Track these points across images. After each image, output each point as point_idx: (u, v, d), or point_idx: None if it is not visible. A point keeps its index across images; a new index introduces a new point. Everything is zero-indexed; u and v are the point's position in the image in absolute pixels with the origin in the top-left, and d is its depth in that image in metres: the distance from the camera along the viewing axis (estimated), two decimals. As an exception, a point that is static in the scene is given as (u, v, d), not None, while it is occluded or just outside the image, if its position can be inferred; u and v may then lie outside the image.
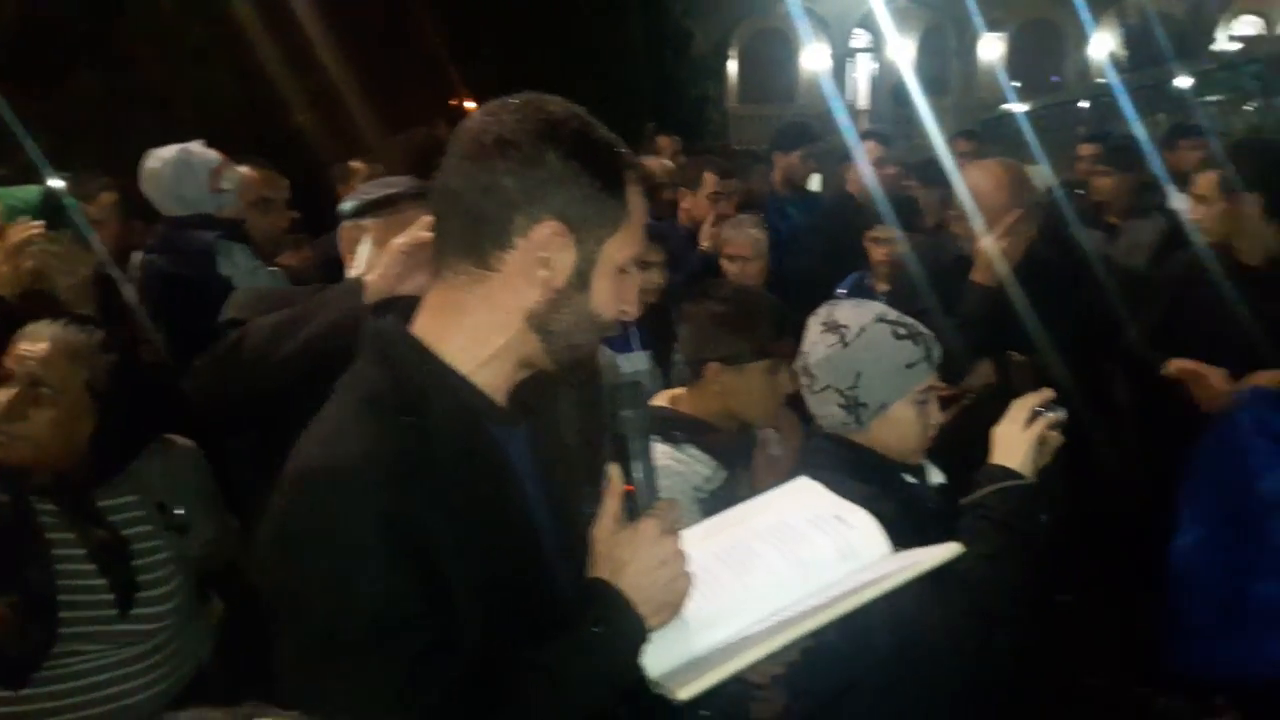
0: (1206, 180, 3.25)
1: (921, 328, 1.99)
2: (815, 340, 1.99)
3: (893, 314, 1.99)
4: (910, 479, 2.03)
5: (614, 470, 1.28)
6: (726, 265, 3.90)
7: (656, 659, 1.25)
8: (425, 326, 1.26)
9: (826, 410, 1.98)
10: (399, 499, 1.12)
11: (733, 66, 27.47)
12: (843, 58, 28.90)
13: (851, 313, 1.98)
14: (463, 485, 1.18)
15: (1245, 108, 14.14)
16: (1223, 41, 26.34)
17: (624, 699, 1.25)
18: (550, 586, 1.27)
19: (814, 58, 27.00)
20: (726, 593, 1.34)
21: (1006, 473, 1.84)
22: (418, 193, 2.24)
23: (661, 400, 2.46)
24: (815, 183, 6.57)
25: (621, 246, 1.25)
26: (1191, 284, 3.26)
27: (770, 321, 2.36)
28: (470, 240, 1.22)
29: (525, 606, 1.21)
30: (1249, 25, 28.48)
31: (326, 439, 1.18)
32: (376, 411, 1.19)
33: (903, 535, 1.70)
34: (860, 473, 1.88)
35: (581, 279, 1.23)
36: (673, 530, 1.25)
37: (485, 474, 1.22)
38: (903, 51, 25.85)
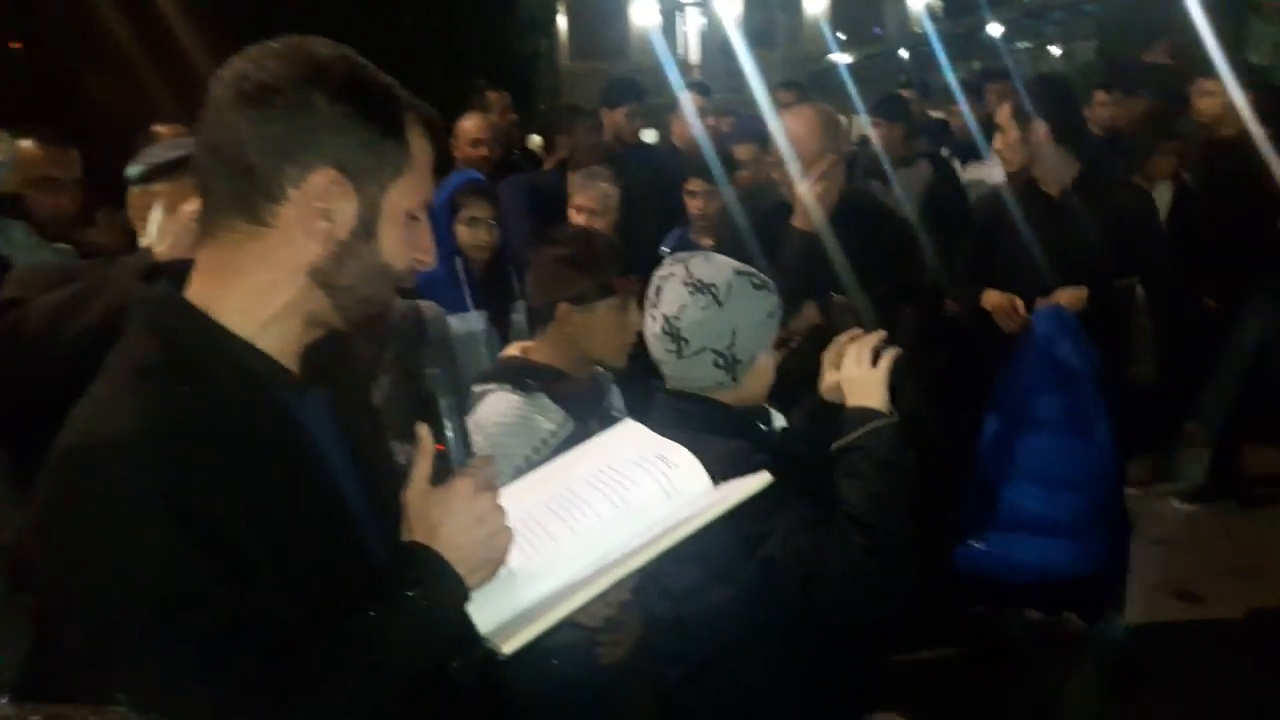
0: (1003, 111, 3.50)
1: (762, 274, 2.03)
2: (684, 303, 1.94)
3: (742, 265, 2.01)
4: (763, 426, 2.08)
5: (423, 430, 1.24)
6: (574, 216, 3.82)
7: (485, 615, 1.23)
8: (199, 291, 1.18)
9: (699, 373, 1.96)
10: (178, 472, 1.05)
11: (563, 23, 27.14)
12: (672, 12, 28.94)
13: (711, 269, 1.97)
14: (250, 456, 1.11)
15: (1051, 51, 14.93)
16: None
17: (457, 658, 1.23)
18: (362, 555, 1.22)
19: (643, 13, 26.94)
20: (554, 542, 1.33)
21: (873, 413, 1.87)
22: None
23: (513, 350, 2.51)
24: (651, 136, 6.59)
25: (407, 192, 1.20)
26: (999, 217, 3.50)
27: (613, 258, 2.40)
28: (240, 195, 1.15)
29: (334, 577, 1.16)
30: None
31: (95, 414, 1.09)
32: (150, 382, 1.11)
33: (783, 484, 1.73)
34: (727, 429, 1.90)
35: (366, 229, 1.17)
36: (489, 487, 1.22)
37: (275, 443, 1.16)
38: (729, 5, 26.07)
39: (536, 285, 2.45)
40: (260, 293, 1.17)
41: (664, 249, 4.12)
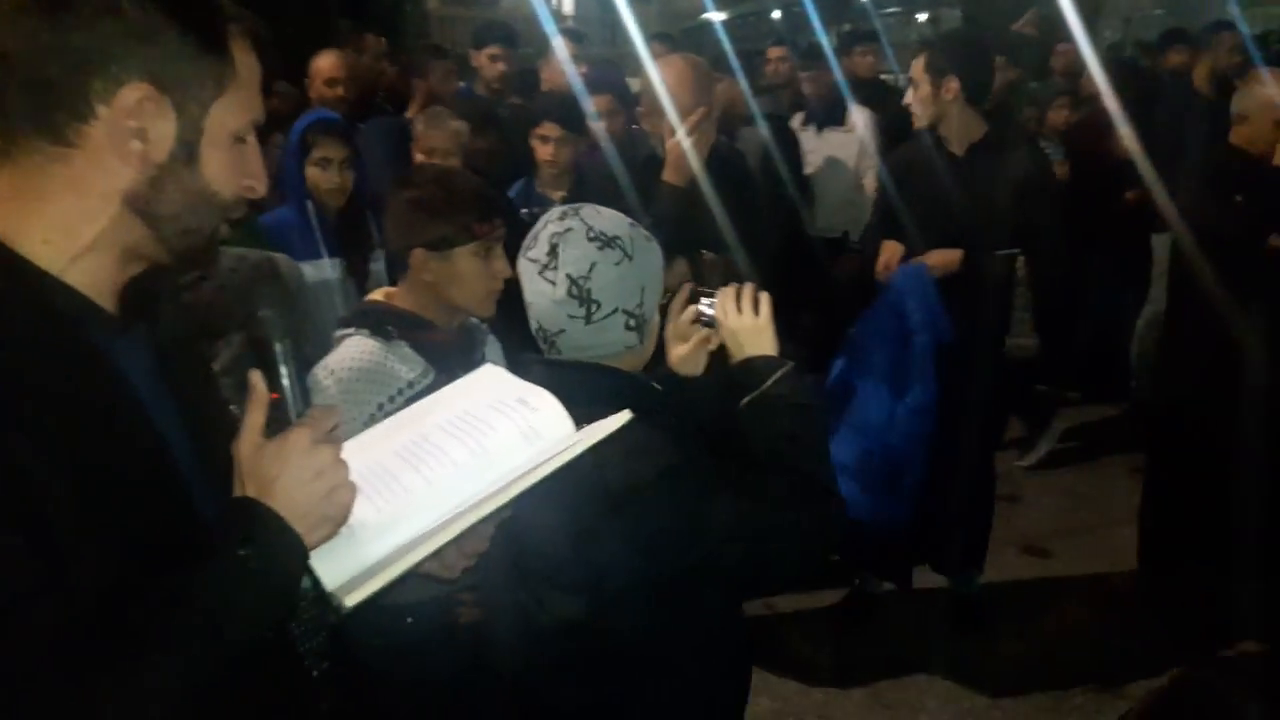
0: (916, 65, 3.52)
1: None
2: (593, 260, 1.70)
3: (626, 216, 1.82)
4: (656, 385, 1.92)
5: (255, 377, 1.13)
6: (417, 156, 3.62)
7: (330, 571, 1.14)
8: None
9: (608, 337, 1.74)
10: None
11: (433, -35, 26.28)
12: (547, -40, 28.42)
13: (608, 222, 1.76)
14: (58, 404, 0.99)
15: (918, 18, 15.28)
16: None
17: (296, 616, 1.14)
18: (188, 512, 1.11)
19: (517, -41, 26.37)
20: (405, 493, 1.23)
21: (773, 360, 1.83)
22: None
23: (377, 296, 2.36)
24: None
25: (233, 111, 1.10)
26: (911, 170, 3.56)
27: (475, 201, 2.24)
28: (40, 112, 1.02)
29: (158, 535, 1.05)
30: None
31: None
32: None
33: (694, 446, 1.68)
34: (636, 399, 1.64)
35: (187, 150, 1.07)
36: (329, 439, 1.13)
37: (87, 389, 1.03)
38: (606, -44, 25.76)
39: (392, 230, 2.31)
40: (68, 222, 1.05)
41: (510, 195, 3.93)
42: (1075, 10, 5.94)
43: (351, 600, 1.11)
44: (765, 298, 1.90)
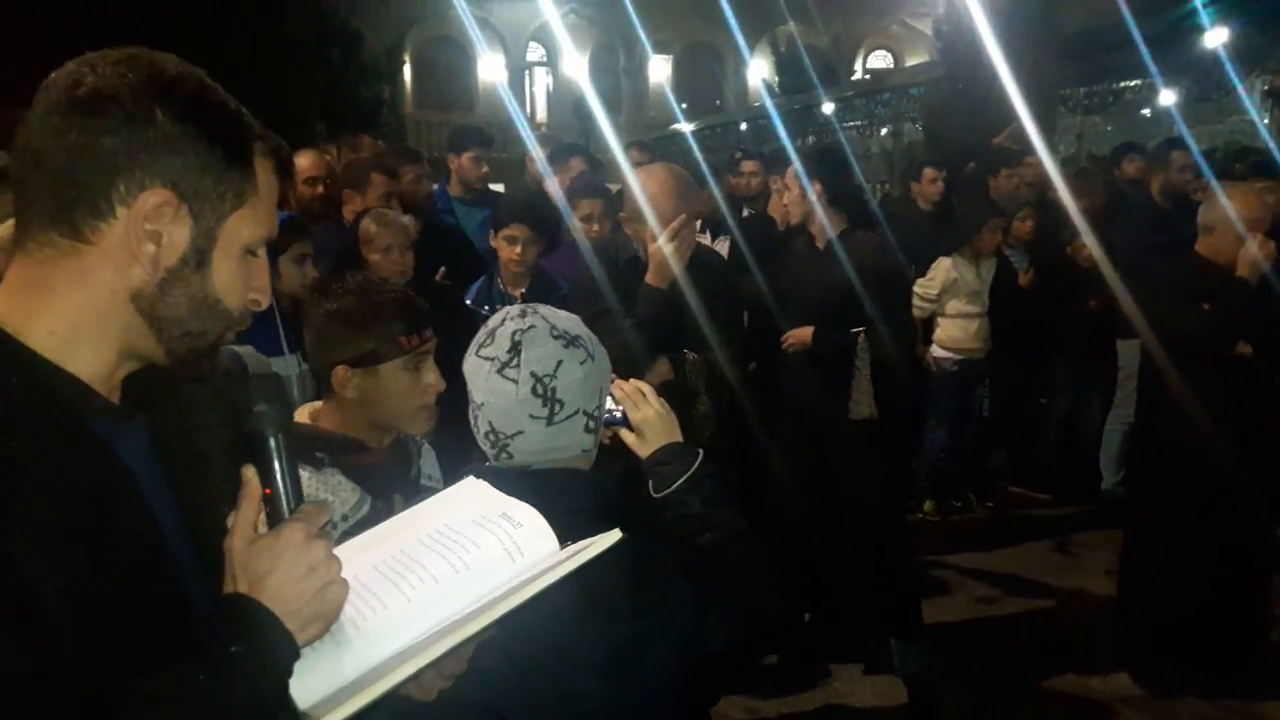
0: (789, 173, 4.00)
1: None
2: (559, 358, 1.66)
3: (571, 315, 1.80)
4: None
5: (249, 472, 1.12)
6: (371, 257, 3.60)
7: (305, 688, 1.10)
8: (3, 309, 1.06)
9: (567, 439, 1.68)
10: None
11: (408, 72, 26.93)
12: (520, 70, 29.20)
13: (568, 321, 1.73)
14: (57, 491, 0.97)
15: (881, 132, 15.79)
16: (860, 73, 29.37)
17: None
18: (184, 607, 1.09)
19: (491, 68, 27.06)
20: (385, 609, 1.20)
21: (684, 448, 1.86)
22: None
23: (303, 416, 2.15)
24: (500, 187, 6.54)
25: (248, 224, 1.12)
26: (793, 265, 3.99)
27: (401, 312, 2.07)
28: (59, 207, 1.04)
29: (152, 630, 1.02)
30: (881, 59, 31.91)
31: None
32: None
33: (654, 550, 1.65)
34: (594, 503, 1.65)
35: (199, 257, 1.09)
36: (321, 535, 1.11)
37: (87, 477, 1.02)
38: (577, 67, 26.51)
39: (312, 345, 2.12)
40: (74, 315, 1.06)
41: (467, 302, 3.97)
42: (1035, 126, 6.18)
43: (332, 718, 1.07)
44: (650, 389, 1.93)
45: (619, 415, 1.92)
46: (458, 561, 1.26)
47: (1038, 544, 5.32)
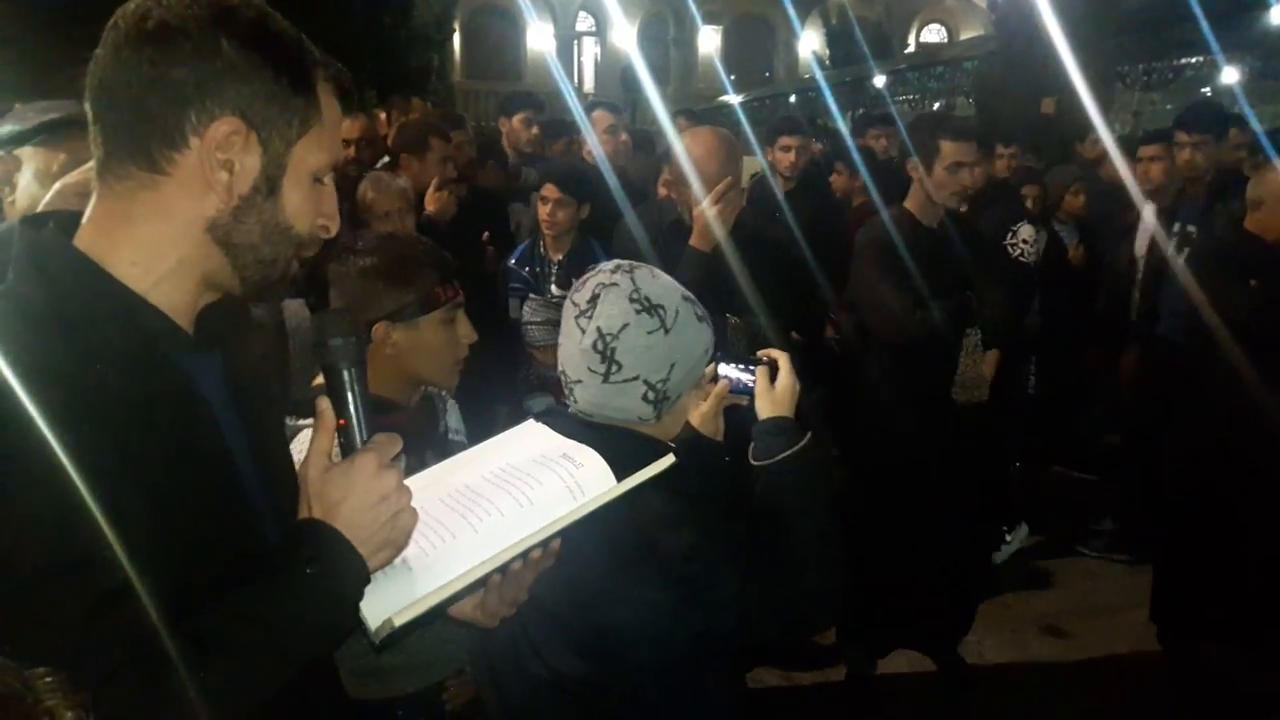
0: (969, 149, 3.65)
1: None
2: (626, 321, 1.66)
3: (685, 290, 1.76)
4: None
5: (323, 403, 1.17)
6: (378, 224, 3.57)
7: (376, 610, 1.16)
8: (90, 241, 1.10)
9: (622, 402, 1.69)
10: (68, 420, 0.96)
11: (457, 41, 26.99)
12: (569, 40, 29.14)
13: (660, 289, 1.70)
14: (142, 417, 1.03)
15: (933, 106, 15.56)
16: (913, 46, 28.92)
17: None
18: (253, 530, 1.15)
19: (539, 38, 27.04)
20: (453, 538, 1.26)
21: (787, 424, 1.84)
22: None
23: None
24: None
25: (315, 150, 1.15)
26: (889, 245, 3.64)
27: (435, 265, 2.08)
28: (136, 141, 1.08)
29: (225, 550, 1.08)
30: (934, 34, 31.39)
31: None
32: (35, 332, 1.02)
33: (711, 512, 1.66)
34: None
35: (270, 184, 1.12)
36: (393, 464, 1.16)
37: (168, 405, 1.07)
38: (626, 37, 26.40)
39: (343, 303, 2.07)
40: (154, 245, 1.10)
41: (512, 261, 4.07)
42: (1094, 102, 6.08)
43: (401, 618, 1.14)
44: (784, 361, 1.93)
45: (750, 384, 1.94)
46: (522, 497, 1.32)
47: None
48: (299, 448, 2.05)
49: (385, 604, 1.17)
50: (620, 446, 1.64)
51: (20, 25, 8.46)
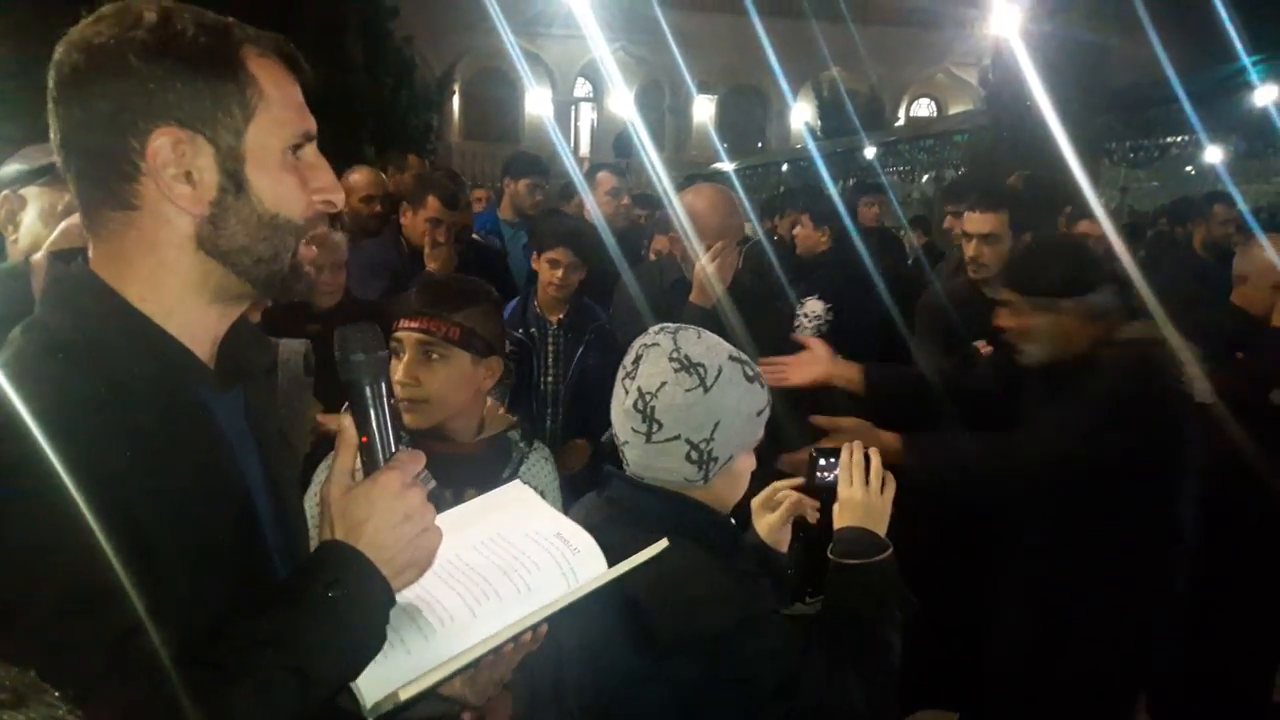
0: (993, 219, 3.62)
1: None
2: (664, 379, 1.65)
3: (736, 351, 1.75)
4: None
5: (345, 420, 1.14)
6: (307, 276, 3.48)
7: (373, 684, 1.14)
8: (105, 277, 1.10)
9: (666, 462, 1.67)
10: (96, 451, 0.95)
11: (457, 103, 27.38)
12: (566, 105, 29.59)
13: (703, 348, 1.69)
14: (166, 450, 1.02)
15: (923, 179, 15.82)
16: (903, 120, 29.48)
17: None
18: (268, 567, 1.13)
19: (538, 102, 27.45)
20: (452, 620, 1.24)
21: (878, 542, 1.79)
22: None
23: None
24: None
25: (271, 128, 1.09)
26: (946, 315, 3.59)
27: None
28: (99, 185, 1.07)
29: (239, 586, 1.06)
30: (924, 108, 32.01)
31: (4, 389, 0.97)
32: (64, 361, 1.01)
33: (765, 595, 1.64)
34: (706, 539, 1.66)
35: (234, 180, 1.08)
36: (416, 483, 1.13)
37: (191, 440, 1.06)
38: (623, 103, 26.82)
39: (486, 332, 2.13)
40: (154, 278, 1.09)
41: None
42: (1085, 176, 6.18)
43: (407, 692, 1.12)
44: (890, 478, 1.87)
45: (830, 480, 1.90)
46: (520, 583, 1.30)
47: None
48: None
49: (379, 678, 1.14)
50: (668, 512, 1.67)
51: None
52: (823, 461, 1.92)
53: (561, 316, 3.87)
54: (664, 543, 1.38)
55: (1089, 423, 2.47)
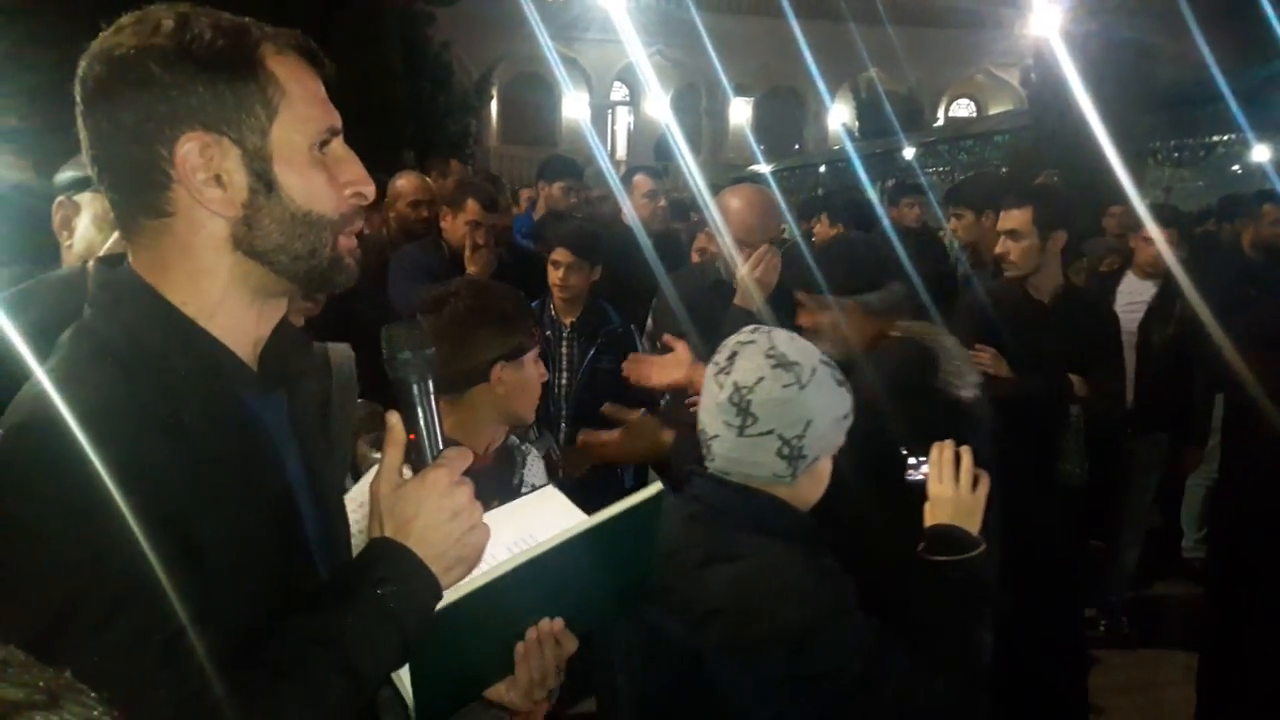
0: (1021, 216, 3.53)
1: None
2: (761, 374, 1.68)
3: (825, 355, 1.78)
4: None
5: (393, 418, 1.15)
6: None
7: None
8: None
9: (757, 457, 1.69)
10: (143, 454, 0.97)
11: (495, 107, 27.56)
12: (603, 109, 29.67)
13: (797, 349, 1.73)
14: (211, 450, 1.03)
15: (957, 178, 15.65)
16: (941, 120, 29.24)
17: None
18: (311, 571, 1.14)
19: (575, 106, 27.57)
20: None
21: (970, 540, 1.79)
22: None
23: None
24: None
25: (296, 125, 1.09)
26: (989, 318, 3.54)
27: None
28: (133, 195, 1.08)
29: (281, 586, 1.08)
30: (963, 108, 31.74)
31: (50, 391, 0.99)
32: (112, 365, 1.03)
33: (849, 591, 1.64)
34: (791, 536, 1.68)
35: (263, 180, 1.08)
36: (464, 480, 1.14)
37: (235, 441, 1.08)
38: (660, 107, 26.86)
39: (451, 350, 2.00)
40: (194, 283, 1.10)
41: None
42: (1127, 175, 6.10)
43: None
44: (983, 476, 1.87)
45: (920, 477, 1.91)
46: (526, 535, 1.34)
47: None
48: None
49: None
50: (753, 508, 1.69)
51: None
52: (912, 460, 1.94)
53: (575, 319, 3.87)
54: (659, 485, 1.36)
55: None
